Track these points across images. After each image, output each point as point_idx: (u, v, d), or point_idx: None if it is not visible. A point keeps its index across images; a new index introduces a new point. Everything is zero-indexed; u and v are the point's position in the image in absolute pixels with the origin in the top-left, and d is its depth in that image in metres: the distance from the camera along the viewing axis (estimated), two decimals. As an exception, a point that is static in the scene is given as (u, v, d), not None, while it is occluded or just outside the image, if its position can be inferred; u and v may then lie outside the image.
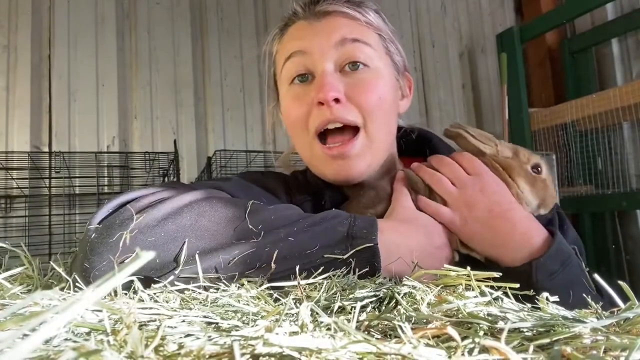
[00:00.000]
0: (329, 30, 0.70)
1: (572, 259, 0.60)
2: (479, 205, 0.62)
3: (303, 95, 0.71)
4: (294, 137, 0.76)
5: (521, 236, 0.61)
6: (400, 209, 0.64)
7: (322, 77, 0.68)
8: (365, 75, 0.70)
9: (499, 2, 3.48)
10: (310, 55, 0.70)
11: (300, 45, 0.71)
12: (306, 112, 0.70)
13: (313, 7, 0.73)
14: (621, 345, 0.25)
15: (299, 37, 0.72)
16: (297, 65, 0.71)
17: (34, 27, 2.26)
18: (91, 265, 0.46)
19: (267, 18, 2.75)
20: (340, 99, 0.67)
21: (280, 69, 0.75)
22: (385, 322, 0.32)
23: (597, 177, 2.76)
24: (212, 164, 2.17)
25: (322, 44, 0.69)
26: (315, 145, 0.70)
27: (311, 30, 0.71)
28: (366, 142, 0.70)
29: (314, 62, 0.70)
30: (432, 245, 0.60)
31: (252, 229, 0.51)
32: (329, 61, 0.69)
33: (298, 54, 0.71)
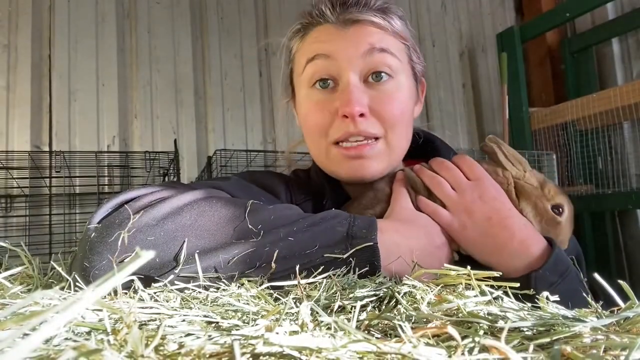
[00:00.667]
0: (358, 38, 0.69)
1: (570, 270, 0.60)
2: (478, 212, 0.62)
3: (325, 102, 0.70)
4: (309, 139, 0.76)
5: (519, 244, 0.60)
6: (400, 209, 0.64)
7: (348, 89, 0.68)
8: (388, 87, 0.70)
9: (499, 1, 3.48)
10: (336, 61, 0.69)
11: (325, 48, 0.70)
12: (328, 120, 0.70)
13: (342, 13, 0.71)
14: (621, 345, 0.25)
15: (325, 40, 0.70)
16: (321, 69, 0.70)
17: (35, 27, 2.26)
18: (91, 264, 0.46)
19: (267, 18, 2.75)
20: (365, 113, 0.68)
21: (302, 69, 0.73)
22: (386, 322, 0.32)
23: (597, 176, 2.76)
24: (213, 163, 2.17)
25: (350, 52, 0.68)
26: (333, 149, 0.71)
27: (339, 36, 0.70)
28: (385, 149, 0.71)
29: (339, 69, 0.69)
30: (432, 244, 0.60)
31: (252, 229, 0.51)
32: (354, 71, 0.69)
33: (322, 57, 0.70)
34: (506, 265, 0.59)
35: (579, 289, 0.59)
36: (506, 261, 0.60)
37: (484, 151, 0.71)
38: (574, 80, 3.13)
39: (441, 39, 3.20)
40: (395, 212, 0.64)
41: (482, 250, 0.61)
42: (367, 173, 0.70)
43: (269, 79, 2.70)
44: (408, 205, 0.65)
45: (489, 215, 0.61)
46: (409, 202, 0.65)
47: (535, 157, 2.51)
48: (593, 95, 2.68)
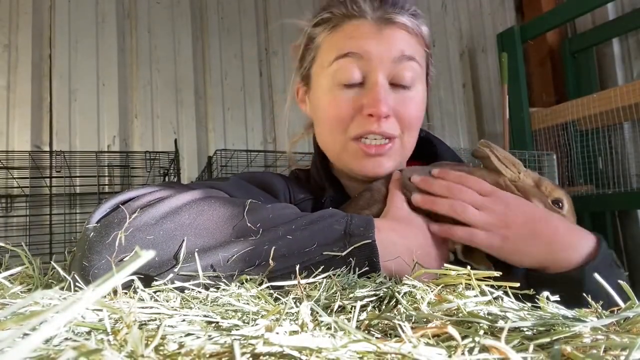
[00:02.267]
0: (391, 42, 0.70)
1: (614, 262, 0.59)
2: (513, 223, 0.60)
3: (350, 99, 0.70)
4: (325, 130, 0.76)
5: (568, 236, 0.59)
6: (395, 209, 0.64)
7: (376, 90, 0.69)
8: (411, 94, 0.72)
9: (499, 1, 3.47)
10: (368, 61, 0.69)
11: (360, 47, 0.69)
12: (350, 116, 0.71)
13: (380, 10, 0.71)
14: (621, 345, 0.25)
15: (360, 37, 0.70)
16: (352, 69, 0.69)
17: (35, 27, 2.26)
18: (90, 263, 0.46)
19: (268, 17, 2.75)
20: (390, 115, 0.69)
21: (329, 62, 0.71)
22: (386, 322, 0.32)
23: (597, 176, 2.76)
24: (213, 163, 2.17)
25: (383, 55, 0.69)
26: (352, 144, 0.72)
27: (374, 36, 0.70)
28: (399, 149, 0.74)
29: (369, 69, 0.70)
30: (429, 244, 0.61)
31: (251, 227, 0.51)
32: (383, 72, 0.69)
33: (355, 56, 0.69)
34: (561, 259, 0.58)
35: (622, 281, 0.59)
36: (561, 256, 0.58)
37: (476, 156, 0.71)
38: (574, 80, 3.12)
39: (441, 39, 3.20)
40: (391, 213, 0.64)
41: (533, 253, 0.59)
42: (382, 171, 0.72)
43: (269, 78, 2.70)
44: (403, 206, 0.65)
45: (524, 221, 0.60)
46: (404, 203, 0.65)
47: (535, 157, 2.51)
48: (593, 95, 2.68)
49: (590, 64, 3.10)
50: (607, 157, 2.82)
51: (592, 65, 3.10)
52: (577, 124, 2.83)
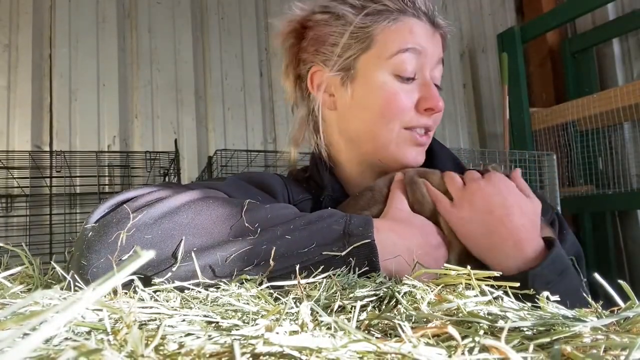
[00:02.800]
0: (438, 44, 0.77)
1: (569, 269, 0.60)
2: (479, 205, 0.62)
3: (408, 91, 0.74)
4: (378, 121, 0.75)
5: (514, 245, 0.60)
6: (395, 210, 0.64)
7: (431, 87, 0.75)
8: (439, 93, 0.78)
9: (499, 2, 3.47)
10: (425, 58, 0.74)
11: (422, 44, 0.74)
12: (409, 107, 0.74)
13: (432, 14, 0.77)
14: (621, 345, 0.25)
15: (421, 35, 0.74)
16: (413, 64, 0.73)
17: (35, 27, 2.26)
18: (88, 262, 0.46)
19: (268, 17, 2.75)
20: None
21: (389, 55, 0.73)
22: (386, 322, 0.32)
23: (597, 177, 2.76)
24: (213, 163, 2.17)
25: (435, 54, 0.76)
26: (405, 132, 0.75)
27: (431, 37, 0.76)
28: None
29: (424, 66, 0.75)
30: (428, 244, 0.60)
31: (249, 227, 0.51)
32: (432, 71, 0.76)
33: (416, 52, 0.73)
34: (500, 264, 0.60)
35: (578, 288, 0.60)
36: (500, 261, 0.60)
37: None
38: (574, 80, 3.13)
39: (442, 39, 3.19)
40: (391, 213, 0.64)
41: (477, 246, 0.62)
42: (421, 159, 0.78)
43: (270, 79, 2.70)
44: (404, 207, 0.65)
45: (491, 209, 0.61)
46: (405, 204, 0.65)
47: (535, 157, 2.51)
48: (593, 95, 2.68)
49: (590, 64, 3.10)
50: (607, 157, 2.82)
51: (592, 66, 3.10)
52: (577, 124, 2.83)
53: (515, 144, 2.90)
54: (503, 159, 2.51)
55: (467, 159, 2.53)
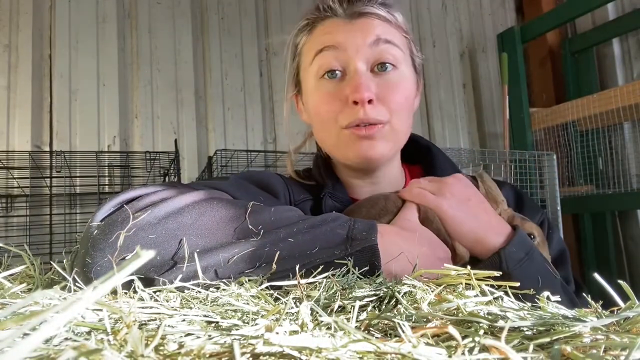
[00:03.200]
0: (365, 29, 0.72)
1: (534, 249, 0.64)
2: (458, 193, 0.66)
3: (335, 91, 0.73)
4: (320, 128, 0.78)
5: (498, 223, 0.65)
6: (404, 221, 0.64)
7: (357, 77, 0.71)
8: (393, 76, 0.73)
9: (499, 1, 3.47)
10: (344, 51, 0.72)
11: (334, 40, 0.72)
12: (338, 108, 0.72)
13: (349, 6, 0.74)
14: (621, 345, 0.25)
15: (333, 32, 0.73)
16: (330, 60, 0.72)
17: (35, 27, 2.26)
18: (93, 260, 0.47)
19: (268, 18, 2.75)
20: (373, 100, 0.71)
21: (310, 61, 0.75)
22: (386, 322, 0.32)
23: (597, 177, 2.76)
24: (213, 163, 2.17)
25: (358, 42, 0.71)
26: (344, 132, 0.73)
27: (346, 28, 0.73)
28: (390, 133, 0.74)
29: (347, 58, 0.72)
30: (435, 255, 0.60)
31: (252, 229, 0.51)
32: (362, 60, 0.72)
33: (331, 48, 0.72)
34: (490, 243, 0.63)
35: (544, 265, 0.64)
36: (484, 243, 0.63)
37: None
38: (574, 80, 3.12)
39: (442, 39, 3.20)
40: (398, 223, 0.64)
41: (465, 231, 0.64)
42: (376, 153, 0.73)
43: (270, 79, 2.70)
44: (413, 218, 0.65)
45: (468, 197, 0.67)
46: (414, 216, 0.65)
47: (535, 157, 2.51)
48: (593, 95, 2.68)
49: (590, 64, 3.10)
50: (607, 157, 2.82)
51: (592, 66, 3.10)
52: (577, 124, 2.83)
53: (515, 144, 2.90)
54: (503, 159, 2.51)
55: (467, 159, 2.53)
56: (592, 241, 2.95)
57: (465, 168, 2.56)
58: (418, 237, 0.60)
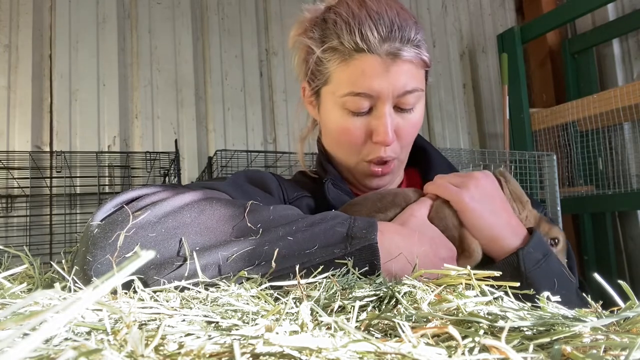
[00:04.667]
0: (398, 78, 0.74)
1: (550, 252, 0.64)
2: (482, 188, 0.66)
3: (360, 126, 0.77)
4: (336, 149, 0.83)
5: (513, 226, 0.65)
6: (409, 217, 0.63)
7: (384, 121, 0.74)
8: (412, 117, 0.78)
9: (499, 2, 3.48)
10: (377, 97, 0.74)
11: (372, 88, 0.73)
12: (361, 141, 0.78)
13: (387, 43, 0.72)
14: (621, 345, 0.25)
15: (371, 76, 0.73)
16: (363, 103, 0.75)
17: (35, 27, 2.26)
18: (94, 259, 0.47)
19: (268, 18, 2.75)
20: (394, 141, 0.77)
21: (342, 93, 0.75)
22: (386, 322, 0.32)
23: (597, 177, 2.76)
24: (213, 163, 2.17)
25: (389, 90, 0.74)
26: (362, 164, 0.80)
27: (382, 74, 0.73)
28: (398, 165, 0.83)
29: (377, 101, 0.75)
30: (437, 255, 0.59)
31: (251, 227, 0.52)
32: (389, 104, 0.75)
33: (367, 96, 0.74)
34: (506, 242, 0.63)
35: (560, 268, 0.64)
36: (503, 242, 0.63)
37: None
38: (574, 80, 3.13)
39: (442, 40, 3.20)
40: (403, 218, 0.63)
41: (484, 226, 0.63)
42: (382, 184, 0.84)
43: (270, 79, 2.70)
44: (420, 214, 0.64)
45: (492, 194, 0.66)
46: (422, 212, 0.64)
47: (535, 158, 2.51)
48: (593, 95, 2.68)
49: (590, 65, 3.10)
50: (607, 158, 2.82)
51: (592, 66, 3.10)
52: (577, 124, 2.83)
53: (515, 144, 2.90)
54: (503, 159, 2.51)
55: (467, 159, 2.53)
56: (592, 241, 2.95)
57: (466, 168, 2.56)
58: (421, 235, 0.59)
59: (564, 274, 0.63)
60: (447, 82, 3.16)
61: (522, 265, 0.59)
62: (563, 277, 0.62)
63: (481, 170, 0.71)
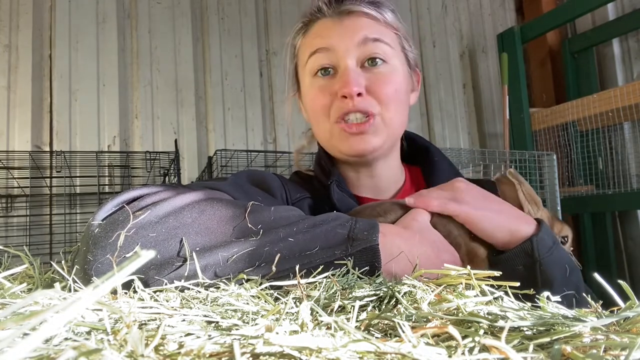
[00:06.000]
0: (352, 29, 0.76)
1: (558, 241, 0.64)
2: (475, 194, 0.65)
3: (327, 87, 0.77)
4: (315, 124, 0.83)
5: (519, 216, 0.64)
6: (410, 220, 0.62)
7: (345, 73, 0.75)
8: (383, 70, 0.77)
9: (499, 2, 3.48)
10: (335, 52, 0.76)
11: (325, 42, 0.77)
12: (329, 102, 0.77)
13: (337, 6, 0.78)
14: (621, 344, 0.25)
15: (324, 34, 0.78)
16: (322, 60, 0.77)
17: (35, 27, 2.26)
18: (94, 258, 0.47)
19: (268, 18, 2.75)
20: (362, 93, 0.74)
21: (305, 62, 0.80)
22: (386, 322, 0.32)
23: (597, 177, 2.76)
24: (213, 163, 2.17)
25: (346, 43, 0.75)
26: (335, 127, 0.77)
27: (335, 29, 0.77)
28: (381, 124, 0.77)
29: (337, 58, 0.76)
30: (438, 258, 0.58)
31: (252, 228, 0.51)
32: (351, 58, 0.75)
33: (323, 50, 0.77)
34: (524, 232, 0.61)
35: (569, 256, 0.64)
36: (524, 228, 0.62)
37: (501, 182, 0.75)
38: (574, 80, 3.13)
39: (442, 40, 3.20)
40: (405, 222, 0.63)
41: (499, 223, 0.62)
42: (368, 146, 0.77)
43: (270, 79, 2.70)
44: (422, 219, 0.63)
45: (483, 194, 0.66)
46: (424, 217, 0.63)
47: (535, 158, 2.51)
48: (593, 95, 2.68)
49: (590, 64, 3.10)
50: (607, 158, 2.82)
51: (592, 66, 3.10)
52: (577, 124, 2.83)
53: (515, 144, 2.90)
54: (503, 159, 2.51)
55: (467, 159, 2.53)
56: (592, 241, 2.95)
57: (466, 168, 2.56)
58: (423, 238, 0.59)
59: (572, 261, 0.64)
60: (447, 82, 3.16)
61: (536, 251, 0.59)
62: (572, 264, 0.63)
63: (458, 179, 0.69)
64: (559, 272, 0.59)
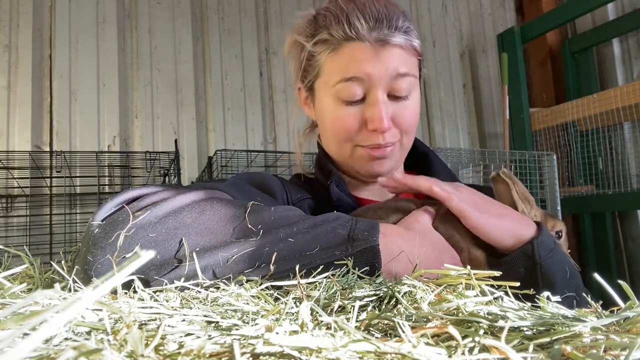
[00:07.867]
0: (388, 61, 0.75)
1: (556, 243, 0.64)
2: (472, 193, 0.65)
3: (354, 114, 0.77)
4: (332, 141, 0.82)
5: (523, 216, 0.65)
6: (412, 221, 0.62)
7: (377, 106, 0.75)
8: (406, 103, 0.78)
9: (499, 2, 3.48)
10: (369, 82, 0.75)
11: (361, 71, 0.74)
12: (356, 129, 0.77)
13: (375, 31, 0.74)
14: (621, 345, 0.25)
15: (361, 60, 0.75)
16: (355, 90, 0.75)
17: (35, 27, 2.26)
18: (94, 258, 0.47)
19: (268, 18, 2.75)
20: (390, 126, 0.76)
21: (333, 83, 0.77)
22: (386, 322, 0.32)
23: (597, 177, 2.76)
24: (213, 163, 2.17)
25: (381, 74, 0.75)
26: (359, 150, 0.79)
27: (373, 59, 0.75)
28: (399, 150, 0.81)
29: (369, 86, 0.75)
30: (439, 259, 0.58)
31: (252, 229, 0.51)
32: (382, 89, 0.75)
33: (357, 80, 0.75)
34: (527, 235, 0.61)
35: (567, 259, 0.65)
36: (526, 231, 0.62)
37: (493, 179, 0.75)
38: (574, 80, 3.12)
39: (442, 40, 3.20)
40: (406, 222, 0.62)
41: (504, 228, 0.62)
42: (383, 169, 0.81)
43: (270, 79, 2.70)
44: (424, 220, 0.63)
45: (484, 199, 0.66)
46: (426, 219, 0.63)
47: (535, 158, 2.51)
48: (593, 95, 2.68)
49: (590, 64, 3.10)
50: (607, 158, 2.82)
51: (592, 66, 3.10)
52: (577, 124, 2.83)
53: (515, 144, 2.90)
54: (503, 159, 2.51)
55: (467, 159, 2.53)
56: (592, 241, 2.95)
57: (466, 168, 2.56)
58: (424, 239, 0.59)
59: (571, 263, 0.64)
60: (447, 82, 3.16)
61: (537, 254, 0.59)
62: (571, 266, 0.63)
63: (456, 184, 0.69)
64: (560, 274, 0.59)
